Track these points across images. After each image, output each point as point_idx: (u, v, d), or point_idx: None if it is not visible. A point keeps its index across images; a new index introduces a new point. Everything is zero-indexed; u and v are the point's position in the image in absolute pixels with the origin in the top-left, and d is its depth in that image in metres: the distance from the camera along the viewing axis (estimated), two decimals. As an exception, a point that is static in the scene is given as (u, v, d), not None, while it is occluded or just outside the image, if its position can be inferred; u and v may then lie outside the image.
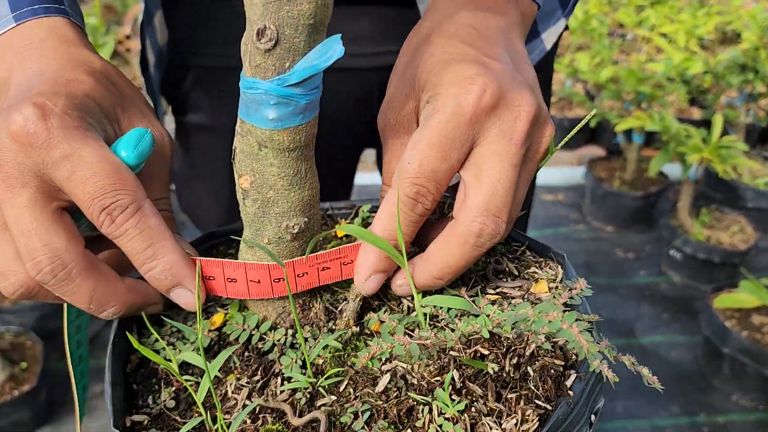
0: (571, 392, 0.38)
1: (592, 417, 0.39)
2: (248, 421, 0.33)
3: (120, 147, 0.37)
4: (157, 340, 0.40)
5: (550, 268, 0.48)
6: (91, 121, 0.38)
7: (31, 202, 0.36)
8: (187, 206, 0.88)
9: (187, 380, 0.37)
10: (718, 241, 1.93)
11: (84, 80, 0.39)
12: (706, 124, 2.24)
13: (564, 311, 0.39)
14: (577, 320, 0.37)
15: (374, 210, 0.53)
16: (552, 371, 0.38)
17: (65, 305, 0.44)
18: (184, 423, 0.35)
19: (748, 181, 2.17)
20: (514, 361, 0.37)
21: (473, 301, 0.42)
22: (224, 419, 0.34)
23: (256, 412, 0.34)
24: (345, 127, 0.74)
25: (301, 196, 0.36)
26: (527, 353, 0.38)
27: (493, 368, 0.36)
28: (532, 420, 0.35)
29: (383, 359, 0.36)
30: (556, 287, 0.46)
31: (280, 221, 0.36)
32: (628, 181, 2.22)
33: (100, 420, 1.54)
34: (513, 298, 0.45)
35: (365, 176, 1.92)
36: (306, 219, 0.37)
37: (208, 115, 0.75)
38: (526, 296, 0.45)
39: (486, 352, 0.37)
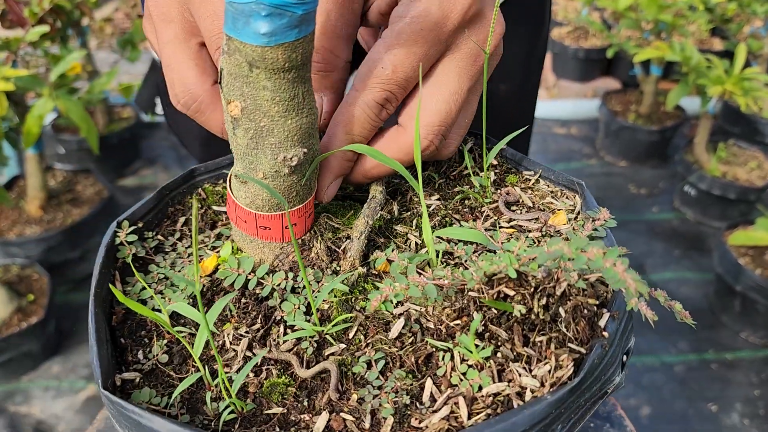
0: (605, 333, 0.35)
1: (624, 357, 0.36)
2: (251, 375, 0.30)
3: None
4: (144, 288, 0.37)
5: (567, 197, 0.44)
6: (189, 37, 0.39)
7: (174, 36, 0.38)
8: (172, 121, 0.84)
9: (179, 332, 0.34)
10: (734, 176, 1.88)
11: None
12: (727, 55, 2.15)
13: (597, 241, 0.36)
14: (613, 266, 0.33)
15: None
16: (585, 311, 0.35)
17: None
18: (180, 378, 0.32)
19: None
20: (543, 301, 0.34)
21: (491, 236, 0.39)
22: (225, 373, 0.31)
23: (259, 364, 0.31)
24: None
25: (299, 123, 0.31)
26: (557, 293, 0.34)
27: (519, 310, 0.33)
28: (567, 366, 0.32)
29: (395, 302, 0.33)
30: (576, 218, 0.43)
31: (276, 153, 0.32)
32: (643, 114, 2.15)
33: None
34: (530, 231, 0.41)
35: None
36: (305, 150, 0.33)
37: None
38: (544, 229, 0.42)
39: (511, 293, 0.34)
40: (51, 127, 2.05)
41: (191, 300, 0.36)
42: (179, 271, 0.38)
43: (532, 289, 0.33)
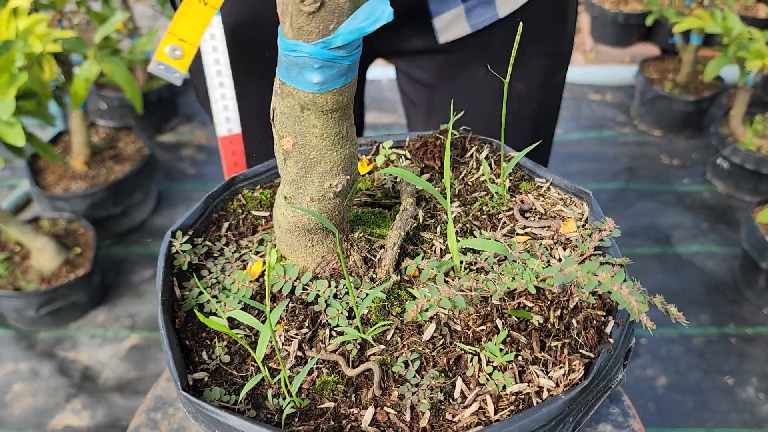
0: (611, 339, 0.38)
1: (622, 371, 0.40)
2: (301, 374, 0.35)
3: None
4: (201, 293, 0.41)
5: (575, 205, 0.47)
6: None
7: None
8: (202, 98, 0.88)
9: (237, 333, 0.38)
10: (769, 151, 1.86)
11: None
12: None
13: (595, 252, 0.39)
14: (618, 278, 0.37)
15: (397, 146, 0.52)
16: (594, 321, 0.39)
17: None
18: (242, 376, 0.36)
19: (811, 87, 2.05)
20: (558, 312, 0.38)
21: (509, 246, 0.42)
22: (280, 372, 0.36)
23: (307, 363, 0.36)
24: None
25: (343, 154, 0.35)
26: (570, 305, 0.38)
27: (537, 319, 0.37)
28: (578, 369, 0.36)
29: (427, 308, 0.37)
30: (584, 225, 0.46)
31: (323, 180, 0.36)
32: (681, 84, 2.12)
33: (150, 303, 1.64)
34: (543, 238, 0.44)
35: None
36: (348, 176, 0.37)
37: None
38: (555, 236, 0.45)
39: (530, 304, 0.38)
40: (93, 83, 2.11)
41: (244, 303, 0.40)
42: (229, 275, 0.42)
43: (549, 302, 0.37)
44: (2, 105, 1.20)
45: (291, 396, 0.33)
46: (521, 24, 0.51)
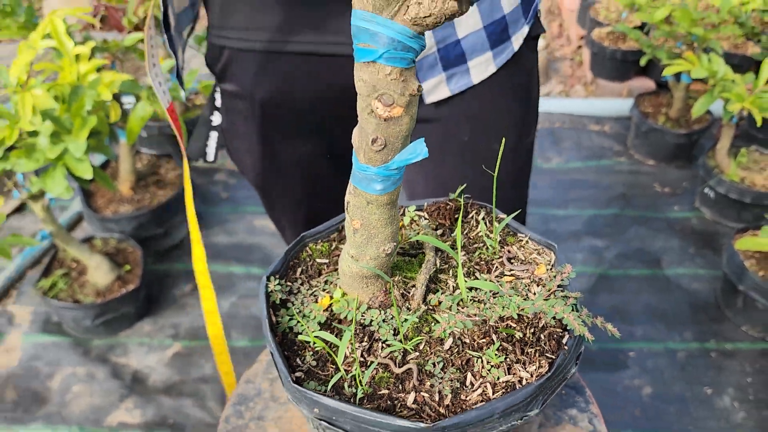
0: (566, 347, 0.56)
1: (577, 359, 0.58)
2: (367, 372, 0.53)
3: None
4: (291, 319, 0.59)
5: (545, 254, 0.64)
6: None
7: None
8: (234, 158, 1.05)
9: (317, 347, 0.56)
10: (752, 182, 2.04)
11: None
12: (758, 63, 2.27)
13: (558, 288, 0.57)
14: (574, 308, 0.55)
15: (419, 209, 0.70)
16: (555, 335, 0.57)
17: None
18: (325, 375, 0.54)
19: (793, 122, 2.23)
20: (532, 330, 0.56)
21: (500, 284, 0.60)
22: (350, 371, 0.54)
23: (368, 365, 0.54)
24: (344, 109, 0.82)
25: (392, 230, 0.54)
26: (540, 326, 0.57)
27: (518, 335, 0.55)
28: (544, 366, 0.54)
29: (450, 329, 0.55)
30: (551, 269, 0.63)
31: (378, 246, 0.54)
32: (672, 118, 2.30)
33: (190, 315, 1.83)
34: (523, 278, 0.62)
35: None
36: (394, 243, 0.55)
37: (242, 86, 0.88)
38: (531, 277, 0.62)
39: (514, 325, 0.56)
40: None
41: (319, 325, 0.58)
42: (306, 306, 0.60)
43: (526, 324, 0.56)
44: (76, 145, 1.41)
45: (361, 386, 0.51)
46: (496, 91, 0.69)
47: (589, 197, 2.21)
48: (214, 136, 1.01)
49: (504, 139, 0.77)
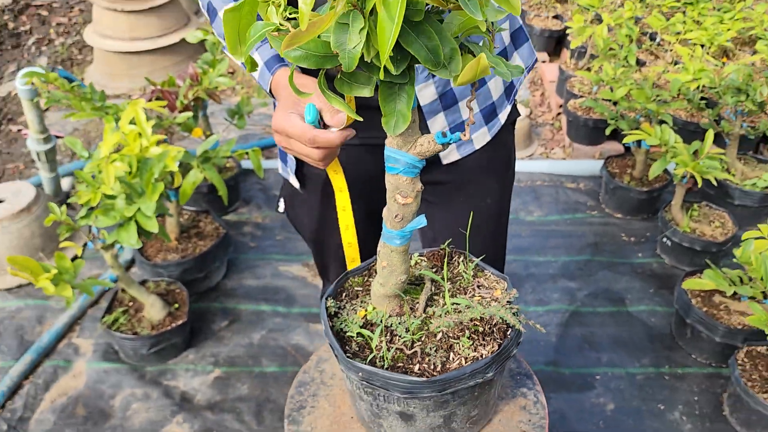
0: (509, 336, 0.91)
1: (516, 345, 0.92)
2: (389, 352, 0.87)
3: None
4: (342, 323, 0.94)
5: (501, 283, 1.00)
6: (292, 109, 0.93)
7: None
8: (293, 218, 1.41)
9: (358, 339, 0.91)
10: (701, 233, 2.41)
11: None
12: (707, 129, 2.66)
13: (507, 303, 0.92)
14: (514, 314, 0.91)
15: (421, 255, 1.06)
16: (502, 329, 0.92)
17: None
18: (363, 356, 0.89)
19: (738, 182, 2.61)
20: (489, 327, 0.92)
21: (471, 301, 0.95)
22: (379, 353, 0.88)
23: (390, 349, 0.89)
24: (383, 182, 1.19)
25: (406, 266, 0.89)
26: (493, 323, 0.92)
27: (480, 329, 0.91)
28: (495, 347, 0.89)
29: (440, 327, 0.91)
30: (504, 291, 0.98)
31: (397, 277, 0.90)
32: (636, 177, 2.69)
33: (228, 346, 2.16)
34: (486, 297, 0.97)
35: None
36: (407, 275, 0.91)
37: (303, 169, 1.27)
38: (491, 296, 0.97)
39: (478, 324, 0.92)
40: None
41: (359, 327, 0.93)
42: (349, 316, 0.95)
43: (485, 323, 0.91)
44: (148, 206, 1.78)
45: (386, 360, 0.86)
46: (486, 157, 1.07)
47: (565, 245, 2.58)
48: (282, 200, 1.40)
49: (490, 193, 1.14)
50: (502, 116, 1.24)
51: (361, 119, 0.81)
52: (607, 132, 2.61)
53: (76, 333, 2.20)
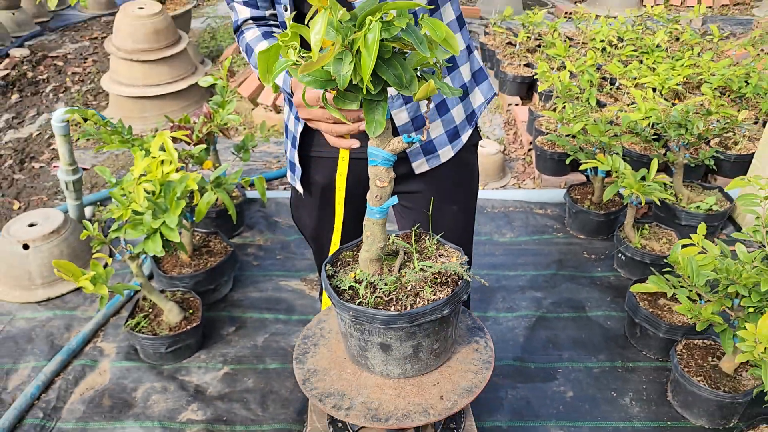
0: (459, 284, 1.23)
1: (467, 295, 1.24)
2: (372, 298, 1.19)
3: None
4: (337, 281, 1.26)
5: (457, 252, 1.32)
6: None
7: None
8: (297, 219, 1.75)
9: (349, 291, 1.23)
10: (651, 248, 2.75)
11: None
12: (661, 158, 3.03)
13: (460, 264, 1.25)
14: (466, 270, 1.23)
15: (397, 235, 1.39)
16: (455, 280, 1.24)
17: None
18: (357, 300, 1.20)
19: (684, 205, 2.97)
20: (445, 278, 1.24)
21: (434, 264, 1.28)
22: (365, 300, 1.20)
23: (373, 296, 1.20)
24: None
25: (384, 236, 1.22)
26: (448, 274, 1.24)
27: (439, 280, 1.23)
28: (449, 292, 1.20)
29: (409, 281, 1.22)
30: (459, 257, 1.30)
31: (378, 244, 1.22)
32: (595, 202, 3.05)
33: (235, 348, 2.45)
34: (445, 262, 1.29)
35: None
36: (385, 243, 1.23)
37: (310, 176, 1.61)
38: (449, 261, 1.29)
39: (438, 277, 1.24)
40: (186, 202, 3.02)
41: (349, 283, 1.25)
42: (343, 277, 1.27)
43: (443, 276, 1.24)
44: (172, 219, 2.10)
45: (369, 305, 1.17)
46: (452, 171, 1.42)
47: (533, 262, 2.91)
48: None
49: (456, 201, 1.48)
50: (464, 137, 1.59)
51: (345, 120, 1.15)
52: (567, 162, 2.98)
53: (101, 338, 2.49)
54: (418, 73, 1.08)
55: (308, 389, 1.26)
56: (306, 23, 0.96)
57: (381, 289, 1.22)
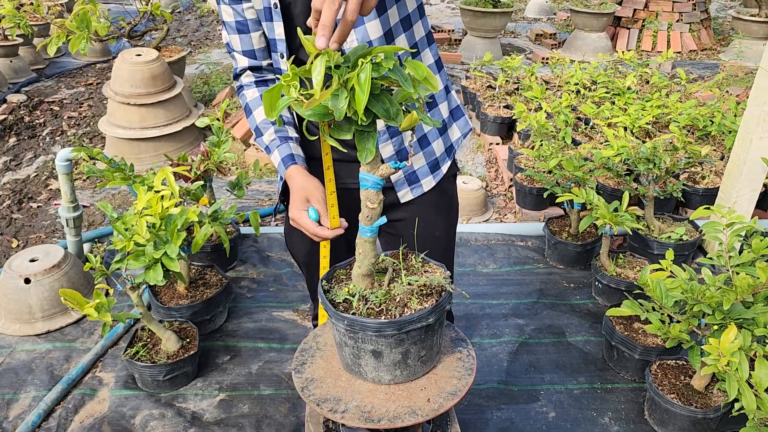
0: (443, 295, 1.36)
1: (450, 305, 1.37)
2: (364, 307, 1.31)
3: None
4: (333, 295, 1.39)
5: (441, 268, 1.46)
6: (303, 207, 1.44)
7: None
8: (290, 246, 1.89)
9: (344, 304, 1.36)
10: (626, 276, 2.90)
11: (304, 192, 1.45)
12: (633, 192, 3.21)
13: (443, 278, 1.39)
14: (449, 283, 1.37)
15: (386, 255, 1.53)
16: (439, 291, 1.37)
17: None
18: (350, 312, 1.33)
19: (656, 235, 3.14)
20: (430, 290, 1.37)
21: (420, 278, 1.41)
22: (358, 310, 1.33)
23: (365, 307, 1.33)
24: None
25: (375, 253, 1.35)
26: (433, 286, 1.37)
27: (425, 292, 1.36)
28: (433, 302, 1.34)
29: (398, 293, 1.36)
30: (442, 272, 1.44)
31: (369, 260, 1.36)
32: (572, 234, 3.21)
33: (230, 375, 2.54)
34: (432, 279, 1.43)
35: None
36: (375, 259, 1.37)
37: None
38: (434, 275, 1.43)
39: (424, 289, 1.37)
40: (181, 237, 3.14)
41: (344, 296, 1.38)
42: (339, 291, 1.40)
43: (428, 288, 1.37)
44: (173, 249, 2.23)
45: (362, 315, 1.30)
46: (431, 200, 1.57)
47: (515, 291, 3.05)
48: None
49: (438, 227, 1.62)
50: (444, 168, 1.74)
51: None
52: (545, 195, 3.15)
53: (99, 368, 2.57)
54: (404, 107, 1.24)
55: (306, 395, 1.37)
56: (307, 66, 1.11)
57: (372, 301, 1.35)
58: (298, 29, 1.12)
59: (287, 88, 1.18)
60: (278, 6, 1.45)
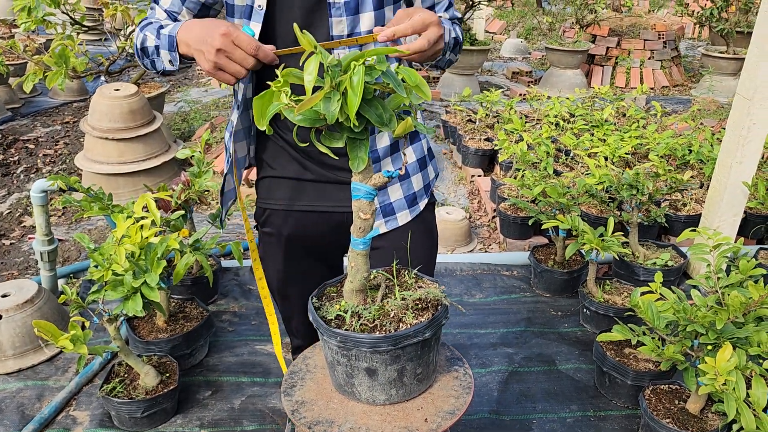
0: (439, 309, 1.31)
1: (445, 319, 1.33)
2: (358, 324, 1.26)
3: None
4: (324, 312, 1.34)
5: (435, 283, 1.42)
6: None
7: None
8: (265, 270, 1.82)
9: (336, 320, 1.31)
10: (613, 302, 2.88)
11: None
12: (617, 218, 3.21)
13: (440, 292, 1.34)
14: (445, 297, 1.33)
15: (378, 271, 1.49)
16: (435, 305, 1.32)
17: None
18: (342, 327, 1.28)
19: (641, 261, 3.13)
20: (425, 304, 1.32)
21: (413, 293, 1.37)
22: (351, 327, 1.28)
23: (359, 323, 1.28)
24: (336, 241, 1.62)
25: (368, 266, 1.31)
26: (428, 300, 1.33)
27: (420, 306, 1.31)
28: (429, 316, 1.29)
29: (392, 309, 1.31)
30: (437, 287, 1.40)
31: (361, 274, 1.31)
32: (558, 262, 3.19)
33: (211, 411, 2.44)
34: (426, 293, 1.38)
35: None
36: (368, 273, 1.32)
37: (275, 229, 1.66)
38: (428, 293, 1.38)
39: (419, 303, 1.32)
40: (160, 271, 3.05)
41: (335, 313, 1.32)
42: (330, 308, 1.35)
43: (422, 302, 1.32)
44: (152, 277, 2.15)
45: (356, 330, 1.25)
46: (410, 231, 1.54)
47: (503, 320, 3.00)
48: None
49: (417, 258, 1.58)
50: (421, 204, 1.69)
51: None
52: (530, 223, 3.14)
53: (73, 407, 2.45)
54: (397, 114, 1.21)
55: (297, 418, 1.30)
56: (300, 65, 1.09)
57: (365, 317, 1.29)
58: (295, 25, 1.09)
59: (278, 94, 1.16)
60: (263, 8, 1.41)
